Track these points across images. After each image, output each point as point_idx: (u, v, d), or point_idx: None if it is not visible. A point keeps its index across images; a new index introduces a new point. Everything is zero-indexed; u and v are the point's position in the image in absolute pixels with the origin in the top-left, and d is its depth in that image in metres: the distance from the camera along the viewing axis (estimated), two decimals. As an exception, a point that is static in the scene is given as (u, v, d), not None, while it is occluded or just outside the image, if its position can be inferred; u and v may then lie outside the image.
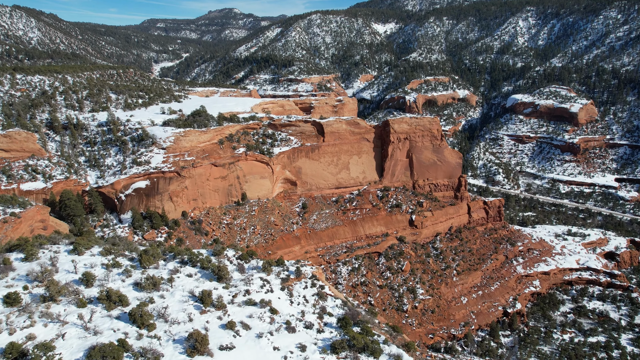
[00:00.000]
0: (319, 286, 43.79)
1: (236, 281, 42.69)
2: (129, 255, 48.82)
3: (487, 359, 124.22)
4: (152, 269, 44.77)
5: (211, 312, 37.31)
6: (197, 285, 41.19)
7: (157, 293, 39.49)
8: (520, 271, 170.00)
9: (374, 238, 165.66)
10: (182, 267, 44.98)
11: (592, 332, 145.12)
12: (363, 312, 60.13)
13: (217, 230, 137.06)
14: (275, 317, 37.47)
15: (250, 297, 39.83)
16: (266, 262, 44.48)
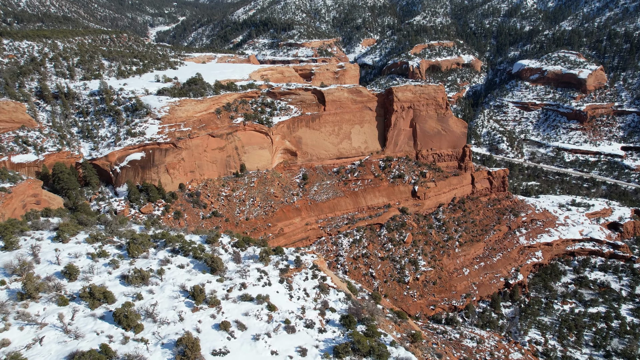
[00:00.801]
0: (320, 277, 40.82)
1: (231, 273, 39.65)
2: (118, 242, 45.70)
3: (488, 330, 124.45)
4: (142, 258, 41.69)
5: (204, 309, 34.42)
6: (189, 278, 38.17)
7: (146, 288, 36.51)
8: (522, 242, 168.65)
9: (376, 209, 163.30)
10: (174, 256, 41.89)
11: (593, 302, 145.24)
12: (366, 296, 57.80)
13: (215, 203, 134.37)
14: (273, 315, 34.64)
15: (247, 291, 36.88)
16: (263, 251, 41.31)
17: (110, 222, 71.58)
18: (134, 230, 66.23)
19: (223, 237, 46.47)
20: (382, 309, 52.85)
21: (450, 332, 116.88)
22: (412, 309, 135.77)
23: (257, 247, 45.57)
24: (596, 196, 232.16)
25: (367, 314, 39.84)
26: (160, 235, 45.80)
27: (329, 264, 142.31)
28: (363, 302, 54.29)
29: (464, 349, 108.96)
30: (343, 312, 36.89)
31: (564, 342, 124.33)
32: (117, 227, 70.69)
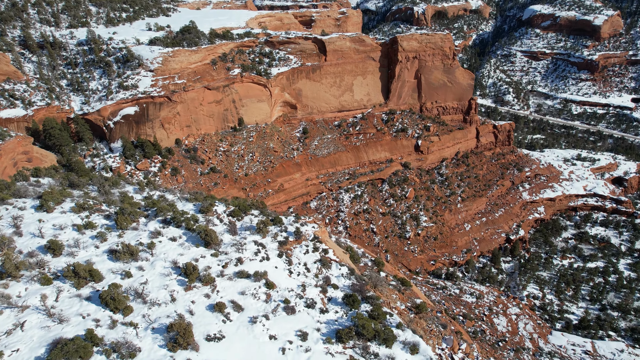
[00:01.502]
0: (321, 250, 38.39)
1: (227, 246, 37.17)
2: (106, 211, 42.93)
3: (487, 285, 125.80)
4: (131, 230, 39.09)
5: (197, 288, 32.20)
6: (182, 253, 35.72)
7: (135, 264, 34.14)
8: (525, 197, 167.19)
9: (378, 164, 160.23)
10: (165, 227, 39.26)
11: (592, 257, 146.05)
12: (369, 262, 56.08)
13: (213, 158, 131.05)
14: (271, 293, 32.49)
15: (243, 267, 34.55)
16: (261, 222, 38.59)
17: (103, 183, 68.91)
18: (127, 193, 63.63)
19: (218, 206, 43.65)
20: (385, 277, 51.17)
21: (450, 288, 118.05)
22: (412, 264, 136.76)
23: (254, 217, 42.82)
24: (602, 150, 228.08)
25: (371, 289, 37.85)
26: (150, 203, 42.92)
27: (330, 219, 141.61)
28: (365, 269, 52.67)
29: (463, 304, 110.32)
30: (346, 289, 34.77)
31: (561, 297, 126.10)
32: (110, 188, 68.12)
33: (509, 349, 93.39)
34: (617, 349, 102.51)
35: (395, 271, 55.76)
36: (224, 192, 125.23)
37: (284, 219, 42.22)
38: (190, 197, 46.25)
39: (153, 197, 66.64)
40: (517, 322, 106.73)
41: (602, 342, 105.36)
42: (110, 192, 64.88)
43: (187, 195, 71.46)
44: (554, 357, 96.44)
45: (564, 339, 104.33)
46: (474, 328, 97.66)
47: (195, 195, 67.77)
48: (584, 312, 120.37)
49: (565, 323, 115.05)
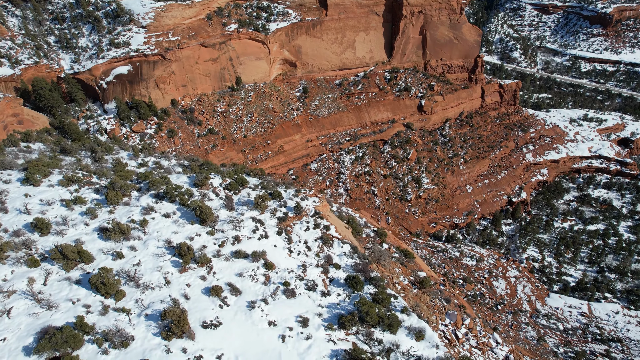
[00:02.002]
0: (323, 227, 36.61)
1: (223, 223, 35.36)
2: (96, 184, 40.82)
3: (487, 248, 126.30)
4: (122, 205, 37.15)
5: (192, 269, 30.68)
6: (176, 231, 33.96)
7: (127, 243, 32.46)
8: (529, 159, 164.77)
9: (380, 125, 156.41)
10: (158, 202, 37.29)
11: (593, 220, 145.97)
12: (372, 233, 54.70)
13: (211, 120, 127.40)
14: (270, 275, 31.01)
15: (240, 246, 32.90)
16: (259, 197, 36.55)
17: (96, 149, 66.53)
18: (121, 160, 61.42)
19: (213, 178, 41.40)
20: (388, 249, 49.93)
21: (450, 251, 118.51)
22: (413, 226, 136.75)
23: (252, 190, 40.71)
24: (610, 110, 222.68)
25: (374, 264, 36.47)
26: (142, 175, 40.68)
27: (330, 181, 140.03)
28: (368, 240, 51.32)
29: (463, 267, 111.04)
30: (349, 269, 33.29)
31: (560, 259, 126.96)
32: (103, 154, 65.80)
33: (507, 311, 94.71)
34: (613, 310, 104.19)
35: (398, 242, 54.55)
36: (222, 155, 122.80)
37: (283, 192, 40.15)
38: (185, 169, 43.86)
39: (148, 164, 64.68)
40: (516, 285, 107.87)
41: (598, 303, 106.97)
42: (103, 158, 62.68)
43: (183, 160, 69.37)
44: (551, 318, 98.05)
45: (561, 301, 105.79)
46: (474, 291, 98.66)
47: (191, 162, 65.57)
48: (582, 274, 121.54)
49: (563, 285, 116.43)
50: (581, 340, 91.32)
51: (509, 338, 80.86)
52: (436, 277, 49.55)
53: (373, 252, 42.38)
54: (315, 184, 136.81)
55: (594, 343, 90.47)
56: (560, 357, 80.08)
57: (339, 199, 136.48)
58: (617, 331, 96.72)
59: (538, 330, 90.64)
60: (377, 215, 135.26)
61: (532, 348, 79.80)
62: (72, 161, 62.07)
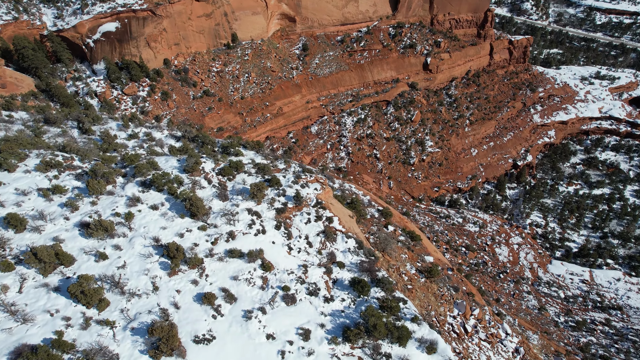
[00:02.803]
0: (325, 219, 33.58)
1: (216, 216, 32.29)
2: (78, 168, 37.37)
3: (491, 214, 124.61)
4: (106, 195, 33.90)
5: (183, 272, 27.97)
6: (165, 226, 30.96)
7: (111, 242, 29.53)
8: (536, 120, 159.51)
9: (383, 84, 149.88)
10: (145, 192, 34.03)
11: (599, 184, 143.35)
12: (376, 213, 51.86)
13: (206, 80, 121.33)
14: (268, 277, 28.37)
15: (235, 244, 30.04)
16: (255, 186, 33.22)
17: (82, 120, 62.42)
18: (109, 132, 57.50)
19: (205, 162, 37.80)
20: (393, 232, 47.30)
21: (453, 217, 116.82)
22: (415, 191, 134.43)
23: (247, 175, 37.27)
24: (623, 66, 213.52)
25: (381, 263, 33.84)
26: (128, 159, 37.11)
27: (332, 145, 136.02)
28: (372, 222, 48.60)
29: (466, 233, 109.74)
30: (353, 269, 30.63)
31: (563, 225, 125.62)
32: (91, 125, 61.75)
33: (509, 280, 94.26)
34: (614, 277, 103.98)
35: (404, 222, 51.90)
36: (219, 118, 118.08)
37: (281, 178, 36.73)
38: (174, 151, 40.03)
39: (139, 135, 60.79)
40: (519, 252, 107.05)
41: (599, 270, 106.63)
42: (90, 129, 58.77)
43: (176, 131, 65.37)
44: (552, 286, 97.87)
45: (563, 268, 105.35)
46: (476, 260, 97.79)
47: (184, 133, 61.64)
48: (585, 240, 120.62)
49: (565, 251, 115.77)
50: (582, 308, 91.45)
51: (512, 309, 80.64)
52: (444, 261, 47.39)
53: (379, 240, 39.74)
54: (316, 147, 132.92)
55: (594, 311, 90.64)
56: (560, 327, 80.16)
57: (340, 163, 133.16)
58: (618, 298, 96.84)
59: (539, 299, 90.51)
60: (379, 180, 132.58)
61: (534, 318, 79.70)
62: (57, 133, 58.18)
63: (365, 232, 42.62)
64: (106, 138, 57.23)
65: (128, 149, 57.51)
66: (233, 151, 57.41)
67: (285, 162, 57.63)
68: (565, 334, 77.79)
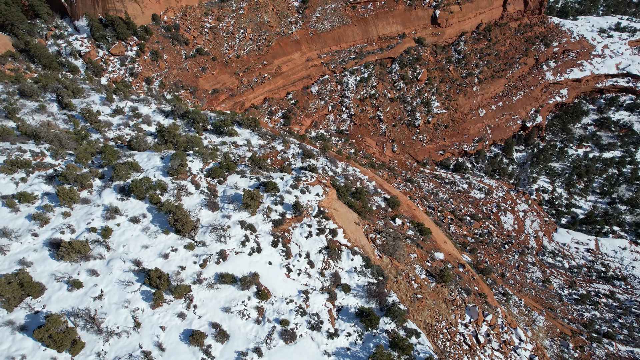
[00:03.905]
0: (329, 231, 29.83)
1: (205, 231, 28.54)
2: (50, 167, 33.17)
3: (497, 179, 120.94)
4: (81, 204, 29.95)
5: (168, 303, 24.73)
6: (147, 245, 27.31)
7: (86, 265, 26.06)
8: (549, 78, 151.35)
9: (388, 40, 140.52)
10: (125, 200, 30.04)
11: (610, 146, 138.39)
12: (382, 202, 48.04)
13: (199, 38, 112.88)
14: (265, 308, 25.17)
15: (227, 266, 26.58)
16: (249, 194, 29.14)
17: (61, 92, 57.33)
18: (91, 109, 52.71)
19: (193, 162, 33.36)
20: (401, 226, 43.81)
21: (458, 182, 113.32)
22: (420, 154, 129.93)
23: (240, 177, 32.97)
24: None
25: (390, 284, 30.55)
26: (105, 157, 32.74)
27: (333, 106, 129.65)
28: (379, 215, 44.94)
29: (471, 201, 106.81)
30: (360, 293, 27.36)
31: (571, 190, 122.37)
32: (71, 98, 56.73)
33: (514, 251, 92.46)
34: (620, 246, 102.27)
35: (412, 211, 48.25)
36: (213, 79, 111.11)
37: (279, 182, 32.46)
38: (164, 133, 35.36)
39: (124, 110, 55.92)
40: (524, 220, 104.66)
41: (605, 239, 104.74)
42: (71, 104, 53.85)
43: (165, 104, 60.21)
44: (557, 256, 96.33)
45: (568, 236, 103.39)
46: (481, 230, 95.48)
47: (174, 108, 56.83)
48: (592, 206, 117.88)
49: (572, 218, 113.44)
50: (586, 279, 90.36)
51: (517, 285, 79.26)
52: (454, 255, 44.29)
53: (387, 243, 36.32)
54: (317, 109, 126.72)
55: (598, 282, 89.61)
56: (564, 301, 79.22)
57: (342, 125, 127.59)
58: (622, 268, 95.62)
59: (544, 270, 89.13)
60: (383, 143, 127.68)
61: (538, 292, 78.53)
62: (34, 108, 53.54)
63: (371, 229, 39.10)
64: (88, 115, 52.53)
65: (112, 127, 52.98)
66: (226, 130, 52.74)
67: (283, 142, 53.15)
68: (569, 308, 76.93)
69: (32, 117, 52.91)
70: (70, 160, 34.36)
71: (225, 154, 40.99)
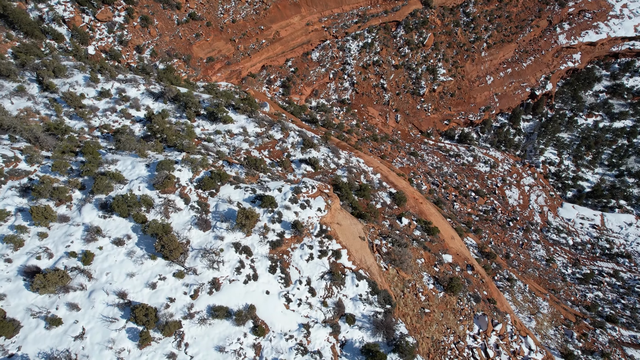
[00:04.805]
0: (331, 253, 27.26)
1: (196, 255, 25.97)
2: (25, 175, 30.24)
3: (503, 151, 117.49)
4: (59, 223, 27.28)
5: (157, 342, 22.62)
6: (132, 272, 24.88)
7: (66, 298, 23.79)
8: (562, 42, 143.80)
9: (393, 2, 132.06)
10: (107, 217, 27.29)
11: (621, 115, 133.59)
12: (388, 199, 45.27)
13: (191, 1, 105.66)
14: (262, 345, 23.10)
15: (221, 297, 24.28)
16: (243, 213, 26.31)
17: (43, 73, 53.58)
18: (74, 93, 49.02)
19: (182, 170, 30.14)
20: (408, 226, 41.34)
21: (463, 155, 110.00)
22: (424, 124, 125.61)
23: (234, 188, 29.92)
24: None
25: (398, 311, 28.39)
26: (85, 167, 29.62)
27: (334, 74, 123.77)
28: (385, 215, 42.31)
29: (476, 174, 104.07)
30: (366, 324, 25.21)
31: (578, 162, 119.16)
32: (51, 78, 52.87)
33: (518, 228, 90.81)
34: (626, 222, 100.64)
35: (419, 206, 45.55)
36: (208, 46, 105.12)
37: (276, 195, 29.43)
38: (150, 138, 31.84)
39: (110, 92, 52.17)
40: (529, 194, 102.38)
41: (611, 214, 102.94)
42: (52, 85, 50.16)
43: (154, 85, 56.19)
44: (561, 233, 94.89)
45: (574, 212, 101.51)
46: (486, 206, 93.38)
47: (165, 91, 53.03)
48: (599, 179, 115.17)
49: (578, 191, 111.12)
50: (590, 257, 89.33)
51: (521, 265, 78.12)
52: (463, 254, 42.10)
53: (393, 250, 33.97)
54: (317, 76, 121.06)
55: (602, 260, 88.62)
56: (568, 281, 78.44)
57: (344, 94, 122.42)
58: (627, 245, 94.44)
59: (548, 248, 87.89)
60: (386, 113, 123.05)
61: (542, 273, 77.56)
62: (12, 90, 50.07)
63: (376, 234, 36.61)
64: (71, 100, 48.99)
65: (98, 113, 49.66)
66: (221, 117, 49.26)
67: (282, 129, 49.72)
68: (572, 288, 76.22)
69: (10, 101, 49.51)
70: (47, 166, 31.22)
71: (219, 152, 37.75)
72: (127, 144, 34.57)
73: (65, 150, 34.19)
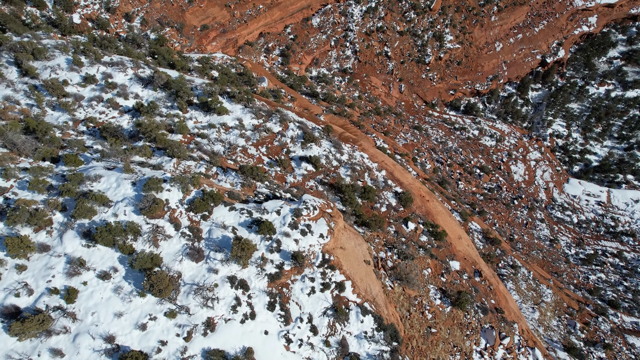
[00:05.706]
0: (334, 285, 25.30)
1: (188, 291, 24.03)
2: (0, 194, 27.82)
3: (509, 123, 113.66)
4: (39, 253, 25.20)
5: (148, 396, 21.13)
6: (120, 312, 23.09)
7: (48, 343, 22.17)
8: (577, 4, 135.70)
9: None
10: (91, 246, 25.15)
11: (635, 84, 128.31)
12: (394, 199, 42.90)
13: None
14: (261, 394, 21.60)
15: (216, 338, 22.62)
16: (238, 245, 24.11)
17: (21, 57, 50.38)
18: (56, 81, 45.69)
19: (171, 190, 27.58)
20: (414, 231, 39.28)
21: (469, 128, 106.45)
22: (429, 95, 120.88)
23: (228, 210, 27.47)
24: None
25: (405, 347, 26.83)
26: (64, 189, 27.09)
27: (336, 41, 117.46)
28: (389, 218, 40.08)
29: (481, 149, 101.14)
30: (371, 365, 23.62)
31: (587, 135, 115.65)
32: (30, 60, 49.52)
33: (523, 206, 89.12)
34: (632, 198, 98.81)
35: (425, 205, 43.26)
36: (202, 12, 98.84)
37: (275, 220, 27.02)
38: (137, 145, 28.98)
39: (95, 78, 48.76)
40: (535, 170, 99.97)
41: (618, 190, 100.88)
42: (32, 69, 46.94)
43: (144, 68, 52.50)
44: (566, 210, 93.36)
45: (579, 187, 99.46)
46: (490, 184, 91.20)
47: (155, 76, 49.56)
48: (608, 152, 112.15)
49: (585, 165, 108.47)
50: (594, 236, 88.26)
51: (525, 247, 77.04)
52: (471, 257, 40.35)
53: (400, 264, 32.14)
54: (318, 44, 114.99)
55: (606, 239, 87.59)
56: (571, 262, 77.70)
57: (346, 63, 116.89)
58: (632, 222, 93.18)
59: (552, 227, 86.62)
60: (389, 82, 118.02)
61: (545, 255, 76.65)
62: (-9, 78, 46.49)
63: (381, 244, 34.67)
64: (53, 88, 45.87)
65: (83, 102, 46.62)
66: (215, 108, 46.15)
67: (281, 120, 46.67)
68: (575, 271, 75.59)
69: (-14, 90, 46.10)
70: (24, 182, 28.63)
71: (213, 156, 34.98)
72: (112, 153, 31.80)
73: (45, 156, 31.57)
